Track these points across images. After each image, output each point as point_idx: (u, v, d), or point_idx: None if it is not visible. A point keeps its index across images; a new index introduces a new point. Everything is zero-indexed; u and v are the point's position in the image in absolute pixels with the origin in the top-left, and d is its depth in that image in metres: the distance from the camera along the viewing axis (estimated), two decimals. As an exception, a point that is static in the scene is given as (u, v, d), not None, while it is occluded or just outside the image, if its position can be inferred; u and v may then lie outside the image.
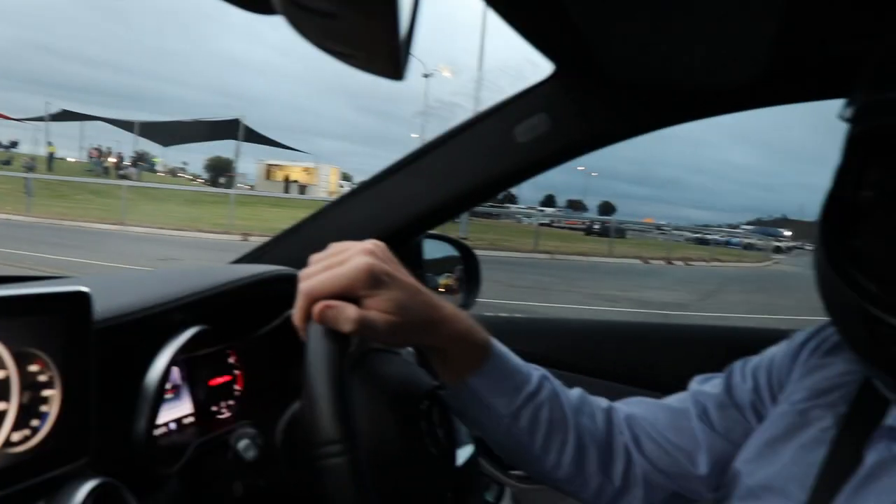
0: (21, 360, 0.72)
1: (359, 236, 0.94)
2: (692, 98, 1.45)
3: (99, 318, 0.82)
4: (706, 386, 1.13)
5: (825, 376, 0.96)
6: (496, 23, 1.15)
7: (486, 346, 1.00)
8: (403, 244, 1.59)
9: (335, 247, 0.91)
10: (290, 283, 1.20)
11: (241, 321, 1.18)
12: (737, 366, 1.13)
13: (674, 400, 1.14)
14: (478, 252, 1.90)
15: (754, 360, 1.12)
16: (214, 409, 1.13)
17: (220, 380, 1.15)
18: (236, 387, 1.18)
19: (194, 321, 1.01)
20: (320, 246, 0.91)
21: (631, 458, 1.08)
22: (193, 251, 15.04)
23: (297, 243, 1.57)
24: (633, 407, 1.14)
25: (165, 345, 0.95)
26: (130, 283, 1.09)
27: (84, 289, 0.79)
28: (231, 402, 1.16)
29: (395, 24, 0.52)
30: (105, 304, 0.87)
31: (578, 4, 1.03)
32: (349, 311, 0.83)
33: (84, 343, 0.79)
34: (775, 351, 1.10)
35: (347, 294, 0.85)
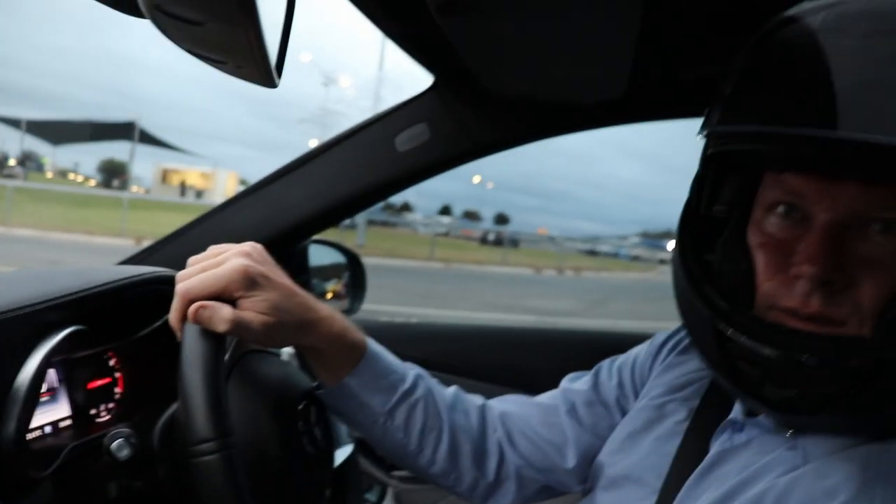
0: None
1: (243, 240, 0.96)
2: (563, 112, 1.53)
3: None
4: (575, 384, 1.18)
5: (681, 373, 1.03)
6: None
7: (362, 346, 1.03)
8: (287, 249, 1.61)
9: (213, 249, 0.93)
10: (170, 284, 1.20)
11: (122, 323, 1.16)
12: (604, 364, 1.19)
13: (545, 397, 1.19)
14: (375, 260, 1.95)
15: (620, 358, 1.18)
16: (94, 412, 1.11)
17: (99, 382, 1.13)
18: (117, 389, 1.16)
19: (71, 321, 0.99)
20: (203, 248, 0.93)
21: (504, 454, 1.13)
22: (83, 255, 14.39)
23: (182, 246, 1.57)
24: (507, 404, 1.18)
25: (38, 346, 0.93)
26: (2, 282, 1.07)
27: None
28: (111, 405, 1.14)
29: (259, 33, 0.55)
30: None
31: (451, 24, 1.08)
32: (224, 312, 0.85)
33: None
34: (639, 350, 1.17)
35: (223, 295, 0.87)
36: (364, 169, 1.54)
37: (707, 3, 1.04)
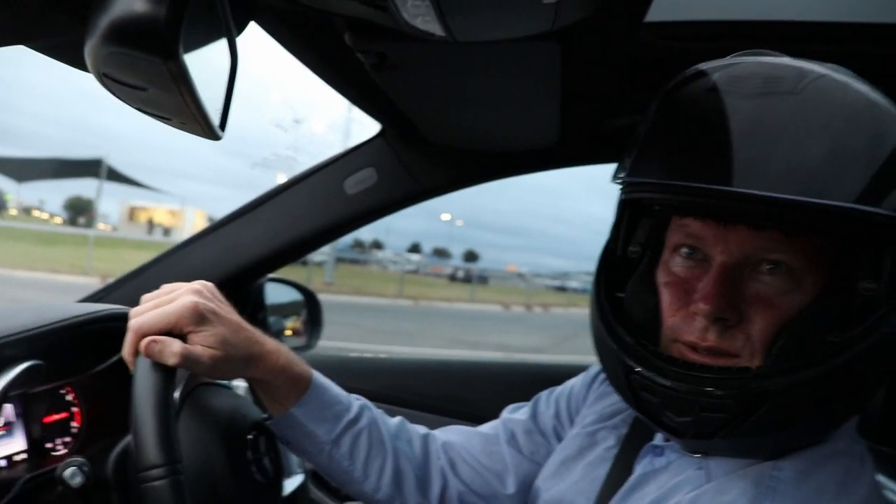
0: None
1: (200, 278, 1.02)
2: (501, 159, 1.63)
3: None
4: (516, 414, 1.25)
5: (611, 402, 1.10)
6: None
7: (307, 378, 1.09)
8: (244, 287, 1.68)
9: (165, 287, 1.00)
10: (125, 321, 1.25)
11: (79, 358, 1.20)
12: (543, 395, 1.26)
13: (486, 427, 1.25)
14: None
15: (557, 389, 1.25)
16: (49, 445, 1.14)
17: (56, 416, 1.16)
18: (74, 423, 1.19)
19: (28, 357, 1.03)
20: (161, 286, 1.00)
21: (447, 481, 1.19)
22: (47, 293, 14.16)
23: (141, 284, 1.63)
24: (450, 434, 1.24)
25: None
26: None
27: None
28: (67, 439, 1.17)
29: (195, 97, 0.62)
30: None
31: (386, 80, 1.17)
32: (174, 346, 0.91)
33: None
34: (575, 381, 1.23)
35: (174, 330, 0.93)
36: (316, 211, 1.62)
37: (619, 60, 1.13)
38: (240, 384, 1.31)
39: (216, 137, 0.74)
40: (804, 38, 1.13)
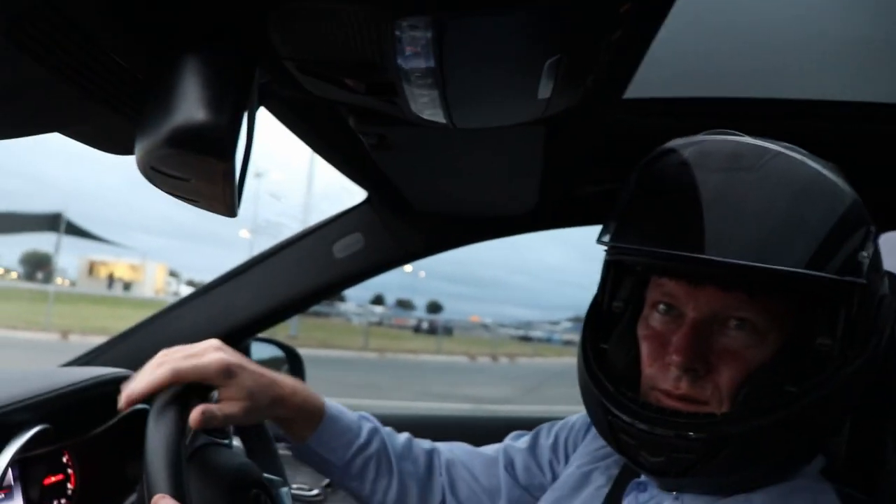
0: None
1: (191, 340, 1.09)
2: (480, 224, 1.72)
3: None
4: (517, 442, 1.33)
5: (604, 444, 1.12)
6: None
7: (321, 412, 1.19)
8: (233, 347, 1.71)
9: (185, 347, 1.07)
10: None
11: (80, 421, 1.22)
12: (545, 426, 1.34)
13: (489, 449, 1.33)
14: (308, 351, 2.02)
15: (559, 422, 1.33)
16: None
17: (53, 478, 1.18)
18: (69, 485, 1.21)
19: (37, 421, 1.07)
20: (152, 349, 1.05)
21: (445, 498, 1.27)
22: (6, 350, 13.85)
23: (132, 346, 1.68)
24: (455, 451, 1.33)
25: (5, 446, 1.01)
26: None
27: None
28: (63, 501, 1.19)
29: (233, 186, 0.69)
30: None
31: (381, 157, 1.25)
32: (215, 411, 1.03)
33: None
34: (576, 418, 1.31)
35: (204, 381, 1.03)
36: (305, 273, 1.69)
37: (597, 136, 1.22)
38: (237, 444, 1.35)
39: (233, 215, 0.80)
40: (770, 116, 1.24)
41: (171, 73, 0.63)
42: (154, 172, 0.67)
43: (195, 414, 1.00)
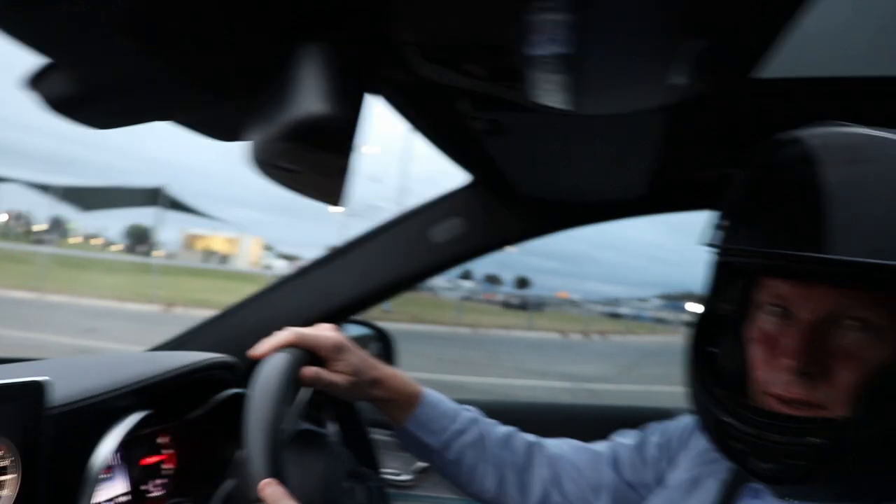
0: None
1: (287, 322, 1.16)
2: (586, 208, 1.66)
3: (57, 403, 0.91)
4: (625, 438, 1.31)
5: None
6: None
7: (419, 395, 1.25)
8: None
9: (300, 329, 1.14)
10: (228, 370, 1.30)
11: (175, 404, 1.25)
12: (653, 424, 1.31)
13: (597, 445, 1.32)
14: (403, 326, 2.02)
15: (668, 422, 1.29)
16: (144, 487, 1.19)
17: (151, 459, 1.21)
18: (166, 466, 1.24)
19: (140, 406, 1.09)
20: (246, 334, 1.06)
21: (548, 491, 1.27)
22: (117, 322, 14.46)
23: (224, 331, 1.70)
24: (562, 446, 1.32)
25: (111, 428, 1.03)
26: (83, 368, 1.17)
27: (42, 379, 0.88)
28: (162, 481, 1.22)
29: (346, 175, 0.66)
30: (63, 391, 0.95)
31: (492, 143, 1.22)
32: (324, 373, 1.12)
33: (40, 428, 0.87)
34: (686, 418, 1.26)
35: (319, 353, 1.13)
36: (401, 258, 1.67)
37: (719, 121, 1.14)
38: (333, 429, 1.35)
39: (342, 206, 0.78)
40: None
41: (291, 64, 0.60)
42: (267, 165, 0.65)
43: (309, 370, 1.09)
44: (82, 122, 0.70)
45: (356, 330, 1.91)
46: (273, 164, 0.64)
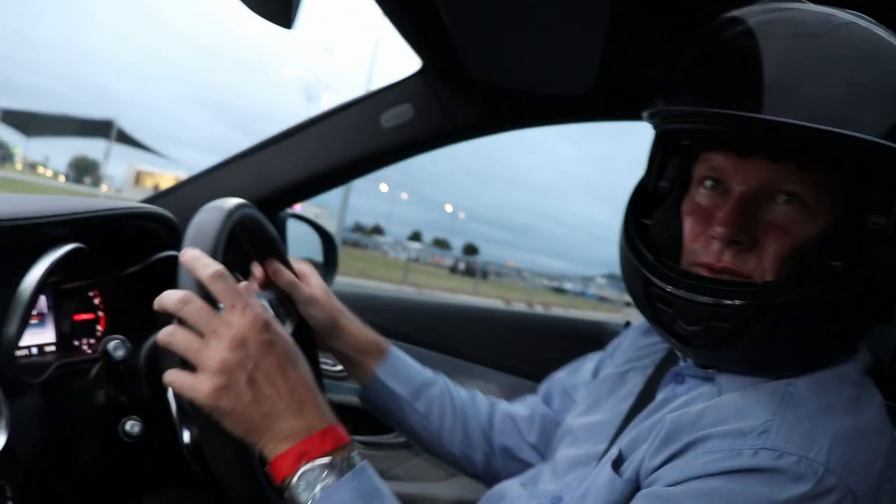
0: None
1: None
2: (535, 104, 1.67)
3: None
4: (561, 372, 1.36)
5: (643, 344, 1.18)
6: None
7: (385, 346, 1.29)
8: (274, 211, 1.73)
9: None
10: (165, 224, 1.28)
11: (112, 256, 1.24)
12: (590, 355, 1.35)
13: (529, 398, 1.37)
14: (347, 279, 2.00)
15: (605, 351, 1.32)
16: (76, 343, 1.19)
17: (84, 316, 1.21)
18: (98, 327, 1.24)
19: (73, 240, 1.07)
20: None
21: (500, 457, 1.31)
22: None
23: (175, 200, 1.68)
24: (516, 405, 1.36)
25: (42, 257, 1.02)
26: (17, 200, 1.13)
27: None
28: (92, 340, 1.22)
29: None
30: None
31: (447, 7, 1.21)
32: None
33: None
34: (620, 338, 1.30)
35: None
36: (349, 142, 1.67)
37: (667, 9, 1.16)
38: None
39: (289, 25, 0.77)
40: None
41: None
42: None
43: (274, 264, 1.17)
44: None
45: (299, 226, 1.90)
46: None
